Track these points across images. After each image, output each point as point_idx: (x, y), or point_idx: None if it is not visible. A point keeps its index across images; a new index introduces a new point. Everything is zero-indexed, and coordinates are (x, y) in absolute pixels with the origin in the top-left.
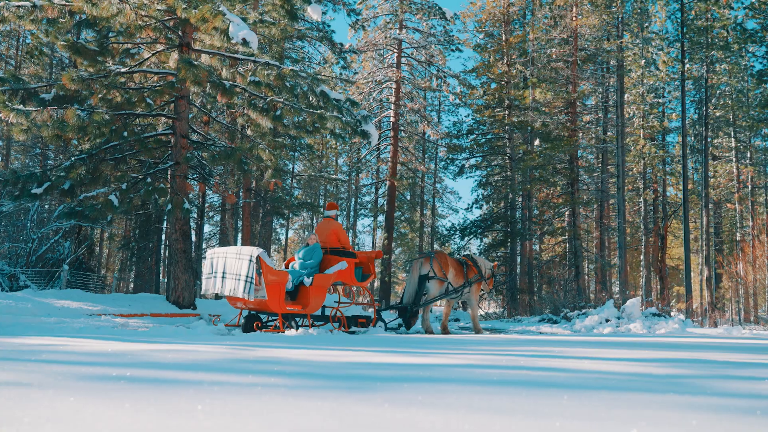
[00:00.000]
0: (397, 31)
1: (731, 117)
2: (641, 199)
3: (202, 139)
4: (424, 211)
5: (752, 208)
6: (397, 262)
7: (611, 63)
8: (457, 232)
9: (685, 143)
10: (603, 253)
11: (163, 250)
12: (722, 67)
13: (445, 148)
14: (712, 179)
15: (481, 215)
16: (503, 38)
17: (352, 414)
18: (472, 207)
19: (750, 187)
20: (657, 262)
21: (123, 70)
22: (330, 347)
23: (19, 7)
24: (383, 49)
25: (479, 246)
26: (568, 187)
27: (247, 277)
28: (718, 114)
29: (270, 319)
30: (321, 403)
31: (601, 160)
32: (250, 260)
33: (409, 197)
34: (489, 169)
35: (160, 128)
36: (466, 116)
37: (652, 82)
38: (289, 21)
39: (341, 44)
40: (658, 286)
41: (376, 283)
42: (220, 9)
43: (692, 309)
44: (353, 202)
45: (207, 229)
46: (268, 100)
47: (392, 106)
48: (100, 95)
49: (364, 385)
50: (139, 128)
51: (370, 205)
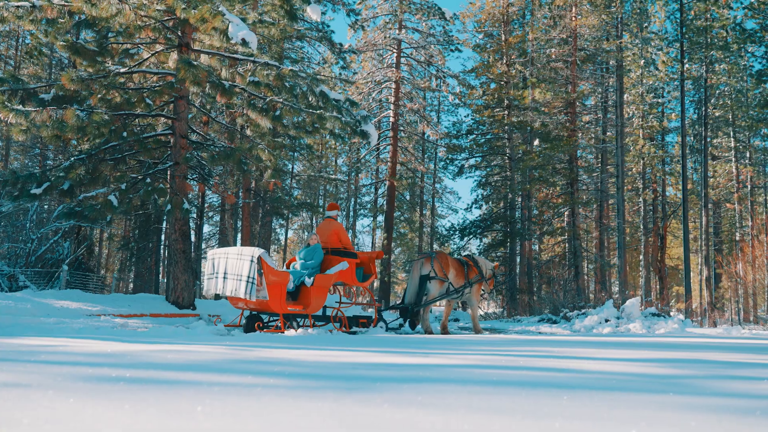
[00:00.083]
0: (397, 31)
1: (730, 117)
2: (641, 199)
3: (202, 139)
4: (424, 211)
5: (751, 208)
6: (397, 262)
7: (610, 63)
8: (457, 233)
9: (684, 143)
10: (602, 253)
11: (162, 251)
12: (721, 67)
13: (444, 148)
14: (712, 179)
15: (480, 215)
16: (502, 38)
17: (352, 414)
18: (471, 207)
19: (749, 186)
20: (656, 262)
21: (122, 71)
22: (329, 347)
23: (18, 7)
24: (383, 50)
25: (479, 246)
26: (568, 187)
27: (249, 277)
28: (717, 114)
29: (271, 319)
30: (321, 404)
31: (600, 160)
32: (252, 261)
33: (408, 197)
34: (488, 169)
35: (160, 128)
36: (465, 116)
37: (651, 82)
38: (289, 21)
39: (341, 44)
40: (658, 286)
41: (376, 283)
42: (220, 9)
43: (692, 309)
44: (353, 203)
45: (206, 229)
46: (268, 100)
47: (392, 106)
48: (99, 95)
49: (364, 386)
50: (139, 128)
51: (369, 205)
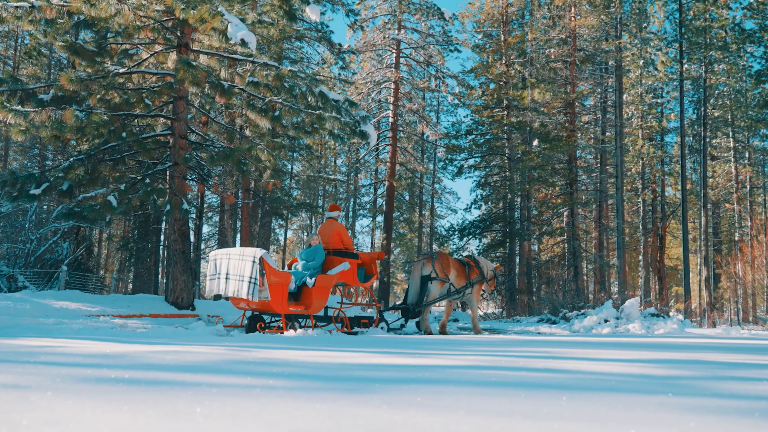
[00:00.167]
0: (396, 32)
1: (730, 117)
2: (640, 200)
3: (201, 139)
4: (423, 212)
5: (751, 209)
6: (396, 262)
7: (610, 63)
8: (456, 233)
9: (683, 143)
10: (602, 253)
11: (161, 251)
12: (720, 67)
13: (443, 149)
14: (711, 179)
15: (479, 216)
16: (502, 38)
17: (351, 416)
18: (470, 207)
19: (748, 187)
20: (656, 263)
21: (121, 71)
22: (329, 348)
23: (17, 7)
24: (382, 50)
25: (478, 246)
26: (567, 188)
27: (251, 278)
28: (716, 114)
29: (273, 320)
30: (319, 405)
31: (599, 161)
32: (254, 261)
33: (407, 198)
34: (488, 170)
35: (159, 129)
36: (464, 116)
37: (650, 83)
38: (288, 21)
39: (340, 45)
40: (657, 287)
41: (375, 284)
42: (219, 9)
43: (691, 309)
44: (352, 203)
45: (206, 229)
46: (267, 100)
47: (391, 107)
48: (98, 96)
49: (363, 387)
50: (138, 129)
51: (368, 206)
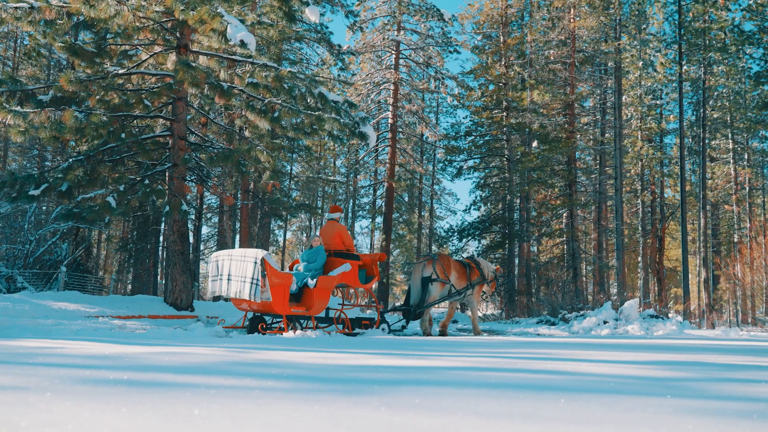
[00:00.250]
0: (395, 33)
1: (729, 119)
2: (639, 201)
3: (200, 140)
4: (422, 213)
5: (750, 210)
6: (395, 263)
7: (609, 65)
8: (456, 234)
9: (682, 145)
10: (601, 254)
11: (160, 252)
12: (720, 68)
13: (443, 150)
14: (710, 181)
15: (479, 217)
16: (501, 40)
17: (349, 417)
18: (470, 208)
19: (747, 188)
20: (655, 264)
21: (121, 72)
22: (328, 349)
23: (16, 8)
24: (381, 51)
25: (477, 248)
26: (566, 189)
27: (253, 279)
28: (715, 116)
29: (275, 321)
30: (318, 407)
31: (599, 162)
32: (255, 262)
33: (407, 199)
34: (487, 171)
35: (158, 130)
36: (464, 118)
37: (649, 84)
38: (287, 22)
39: (339, 46)
40: (656, 288)
41: (375, 285)
42: (218, 10)
43: (690, 310)
44: (351, 204)
45: (205, 230)
46: (266, 101)
47: (390, 108)
48: (97, 97)
49: (362, 388)
50: (137, 130)
51: (368, 207)
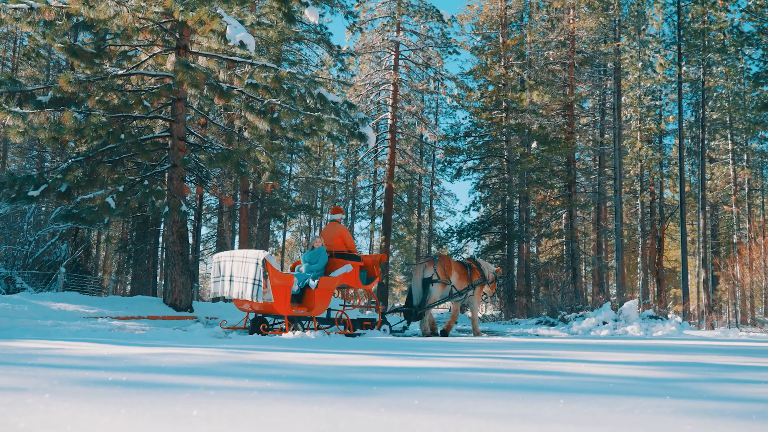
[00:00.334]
0: (395, 34)
1: (728, 119)
2: (638, 202)
3: (200, 141)
4: (422, 214)
5: (749, 211)
6: (395, 264)
7: (608, 65)
8: (455, 235)
9: (681, 146)
10: (600, 255)
11: (160, 253)
12: (719, 69)
13: (442, 151)
14: (709, 182)
15: (478, 217)
16: (500, 41)
17: (348, 418)
18: (469, 209)
19: (746, 189)
20: (654, 265)
21: (120, 73)
22: (326, 350)
23: (16, 9)
24: (381, 52)
25: (476, 248)
26: (566, 190)
27: (255, 280)
28: (714, 116)
29: (276, 321)
30: (317, 408)
31: (598, 163)
32: (257, 263)
33: (406, 199)
34: (486, 172)
35: (158, 131)
36: (463, 118)
37: (649, 85)
38: (287, 23)
39: (339, 47)
40: (655, 289)
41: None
42: (218, 11)
43: (689, 311)
44: (351, 205)
45: (204, 231)
46: (266, 102)
47: (390, 109)
48: (97, 97)
49: (360, 389)
50: (136, 131)
51: (367, 208)
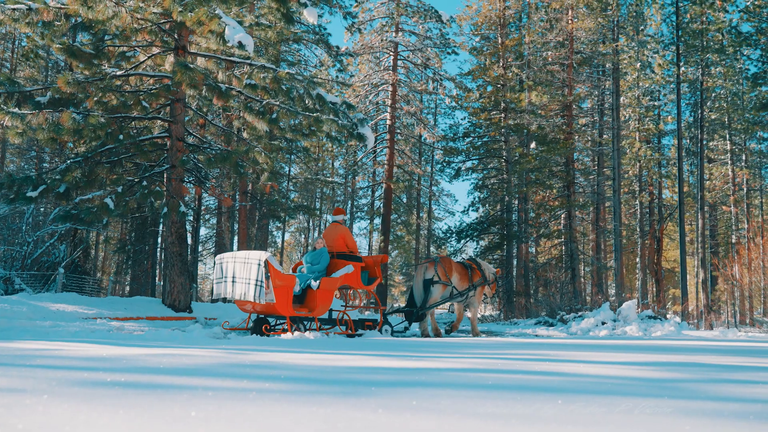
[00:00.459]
0: (394, 34)
1: (726, 120)
2: (637, 202)
3: (198, 142)
4: (421, 214)
5: (747, 211)
6: (394, 264)
7: (607, 66)
8: (454, 235)
9: (680, 146)
10: (599, 255)
11: (159, 253)
12: (717, 70)
13: (441, 151)
14: (708, 182)
15: (477, 218)
16: (499, 41)
17: (347, 419)
18: (468, 210)
19: (745, 189)
20: (653, 265)
21: (119, 73)
22: (325, 351)
23: (14, 9)
24: (379, 52)
25: (475, 249)
26: (564, 190)
27: (257, 281)
28: (713, 117)
29: (278, 322)
30: (316, 409)
31: (597, 163)
32: (259, 264)
33: (405, 200)
34: (485, 172)
35: (156, 131)
36: (462, 119)
37: (647, 85)
38: (285, 24)
39: (337, 47)
40: (654, 289)
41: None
42: (216, 12)
43: (688, 311)
44: (349, 205)
45: (203, 232)
46: (264, 103)
47: (388, 109)
48: (95, 98)
49: (359, 390)
50: (135, 131)
51: (366, 208)
